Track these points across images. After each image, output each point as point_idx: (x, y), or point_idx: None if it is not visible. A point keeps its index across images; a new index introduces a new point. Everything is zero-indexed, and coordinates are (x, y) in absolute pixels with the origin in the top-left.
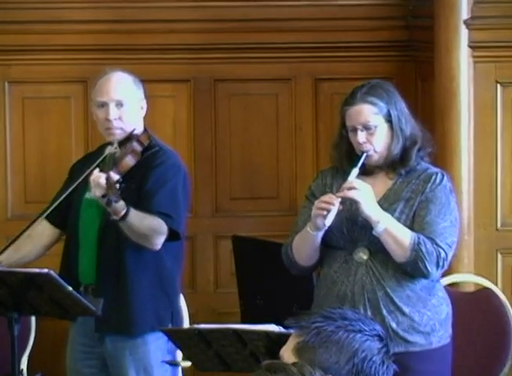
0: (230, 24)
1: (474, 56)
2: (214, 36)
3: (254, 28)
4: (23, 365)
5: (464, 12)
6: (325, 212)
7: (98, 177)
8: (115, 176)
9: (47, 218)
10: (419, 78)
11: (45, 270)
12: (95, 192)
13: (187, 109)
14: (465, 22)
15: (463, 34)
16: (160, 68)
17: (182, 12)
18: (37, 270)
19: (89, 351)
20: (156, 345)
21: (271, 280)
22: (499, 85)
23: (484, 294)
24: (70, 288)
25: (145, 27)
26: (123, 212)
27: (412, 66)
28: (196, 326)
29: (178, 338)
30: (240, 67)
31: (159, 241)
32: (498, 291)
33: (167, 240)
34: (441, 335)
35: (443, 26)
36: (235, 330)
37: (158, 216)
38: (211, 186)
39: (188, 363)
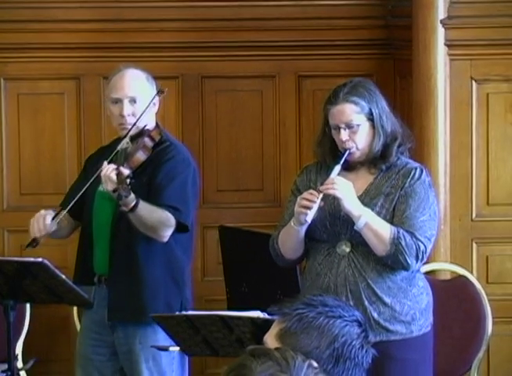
0: (217, 23)
1: (450, 54)
2: (202, 34)
3: (240, 27)
4: (18, 350)
5: (441, 12)
6: (308, 211)
7: (109, 171)
8: (126, 171)
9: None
10: (397, 75)
11: (40, 259)
12: (106, 186)
13: (176, 104)
14: (442, 21)
15: (440, 33)
16: (150, 65)
17: (171, 11)
18: (31, 259)
19: (100, 339)
20: (166, 335)
21: (256, 269)
22: (474, 82)
23: (460, 281)
24: (64, 276)
25: (135, 26)
26: (132, 204)
27: (391, 64)
28: (184, 312)
29: (168, 324)
30: (227, 65)
31: (166, 234)
32: (473, 278)
33: (176, 232)
34: (422, 324)
35: (421, 25)
36: (221, 317)
37: (167, 209)
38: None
39: (176, 348)
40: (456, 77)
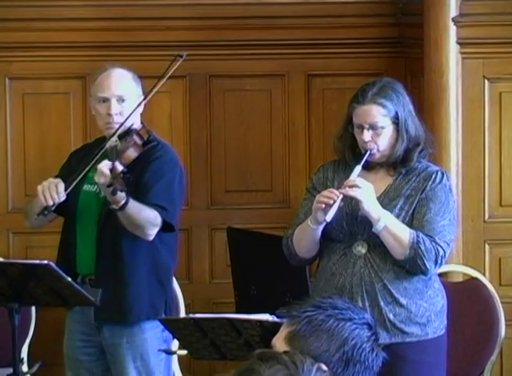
0: (225, 21)
1: (462, 53)
2: (210, 33)
3: (248, 25)
4: (24, 354)
5: (453, 10)
6: (323, 205)
7: (104, 166)
8: (119, 167)
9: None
10: (409, 74)
11: (45, 261)
12: (100, 179)
13: (183, 104)
14: (453, 19)
15: (452, 31)
16: (157, 64)
17: (178, 9)
18: (37, 261)
19: (87, 340)
20: (153, 334)
21: (265, 271)
22: (486, 81)
23: (472, 284)
24: (70, 279)
25: (142, 25)
26: (122, 202)
27: (402, 63)
28: (191, 315)
29: (175, 327)
30: (235, 63)
31: (152, 232)
32: (486, 280)
33: (161, 231)
34: (437, 326)
35: (432, 23)
36: (229, 320)
37: (154, 208)
38: (207, 179)
39: (184, 352)
40: (468, 76)
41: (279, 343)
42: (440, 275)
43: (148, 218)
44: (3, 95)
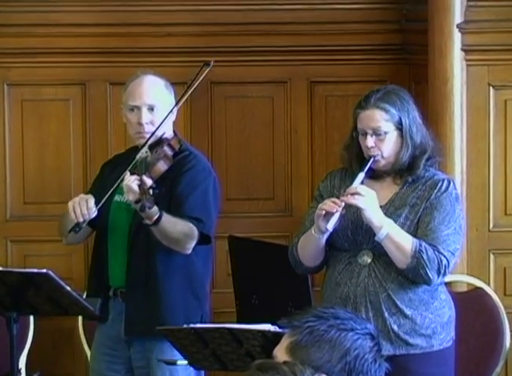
0: (227, 27)
1: (467, 60)
2: (211, 39)
3: (250, 31)
4: (22, 364)
5: (457, 16)
6: (323, 212)
7: (131, 182)
8: (148, 181)
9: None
10: (413, 81)
11: (44, 270)
12: (128, 197)
13: (184, 111)
14: (458, 26)
15: (457, 37)
16: (158, 71)
17: (179, 15)
18: (35, 270)
19: (115, 354)
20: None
21: (266, 280)
22: (491, 88)
23: (476, 293)
24: (69, 288)
25: (143, 31)
26: (156, 217)
27: (406, 69)
28: (192, 325)
29: (175, 337)
30: (236, 70)
31: (190, 246)
32: (490, 290)
33: (198, 243)
34: (443, 338)
35: (437, 29)
36: (230, 330)
37: (189, 221)
38: None
39: (184, 362)
40: (473, 83)
41: (280, 354)
42: (444, 284)
43: (184, 232)
44: (2, 101)
